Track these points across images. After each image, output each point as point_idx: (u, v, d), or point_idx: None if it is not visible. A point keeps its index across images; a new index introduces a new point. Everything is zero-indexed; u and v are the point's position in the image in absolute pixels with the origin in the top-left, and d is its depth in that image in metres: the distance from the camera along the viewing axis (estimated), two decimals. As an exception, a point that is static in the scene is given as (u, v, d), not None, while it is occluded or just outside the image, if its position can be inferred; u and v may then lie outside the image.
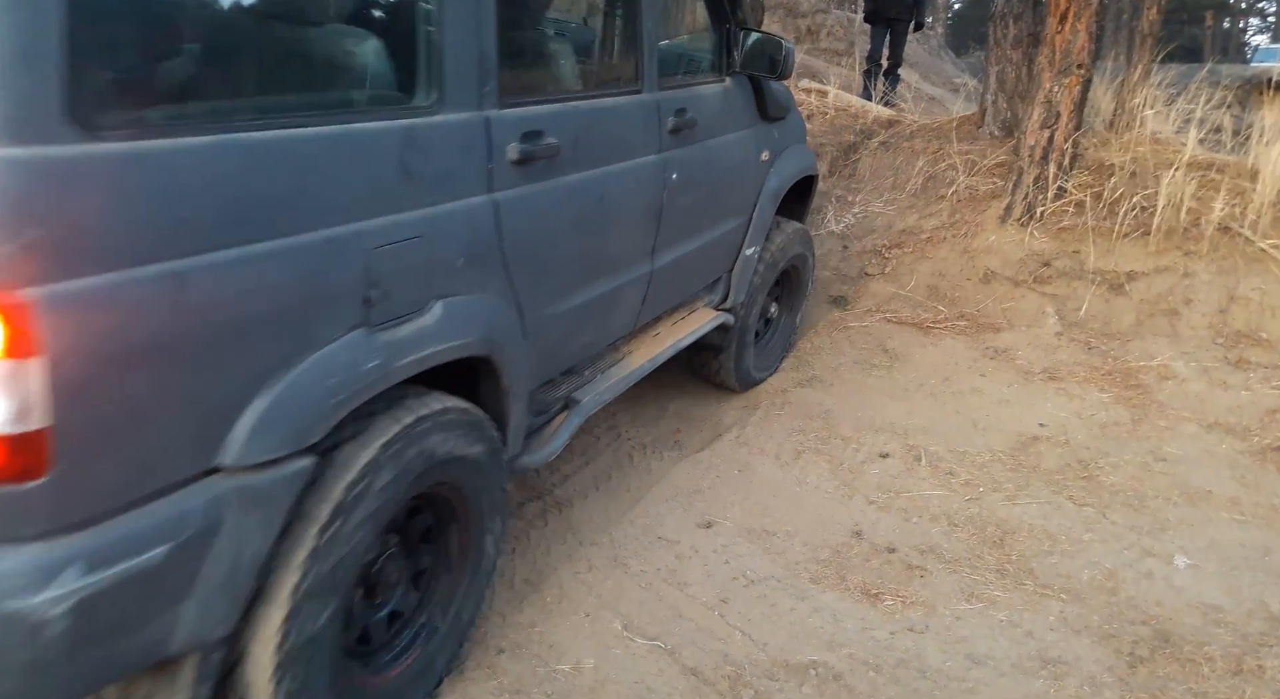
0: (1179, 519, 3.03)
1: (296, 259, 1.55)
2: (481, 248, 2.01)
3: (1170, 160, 4.44)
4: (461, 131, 1.93)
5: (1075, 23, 4.44)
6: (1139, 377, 3.83)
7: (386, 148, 1.74)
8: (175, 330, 1.37)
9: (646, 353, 2.98)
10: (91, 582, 1.31)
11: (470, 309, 1.98)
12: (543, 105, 2.25)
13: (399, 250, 1.76)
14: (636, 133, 2.63)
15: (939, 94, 10.50)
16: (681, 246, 2.97)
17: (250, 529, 1.54)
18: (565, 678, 2.31)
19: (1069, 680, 2.38)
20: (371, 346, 1.71)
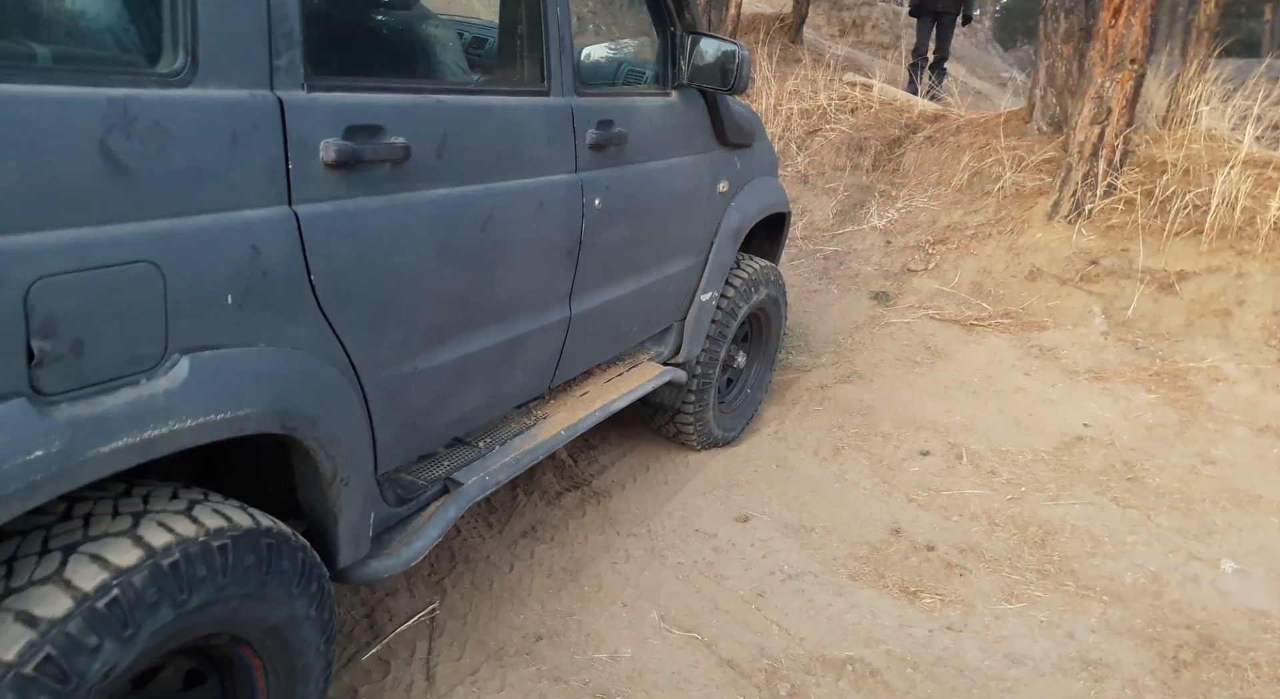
0: (1227, 523, 2.98)
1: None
2: (270, 282, 1.42)
3: (1225, 158, 4.34)
4: (229, 114, 1.36)
5: (1129, 16, 4.35)
6: (1188, 378, 3.76)
7: (76, 127, 1.17)
8: None
9: (567, 417, 2.44)
10: None
11: (246, 368, 1.40)
12: (384, 93, 1.66)
13: (100, 280, 1.19)
14: (539, 145, 2.08)
15: (986, 89, 10.34)
16: (612, 289, 2.49)
17: None
18: (603, 666, 2.34)
19: (1110, 683, 2.36)
20: (39, 426, 1.13)
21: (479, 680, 2.23)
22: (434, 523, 1.92)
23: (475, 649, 2.37)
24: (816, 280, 4.88)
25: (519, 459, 2.20)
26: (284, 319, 1.46)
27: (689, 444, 3.33)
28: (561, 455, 3.18)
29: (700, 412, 3.19)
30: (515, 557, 2.76)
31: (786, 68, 7.36)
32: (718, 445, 3.41)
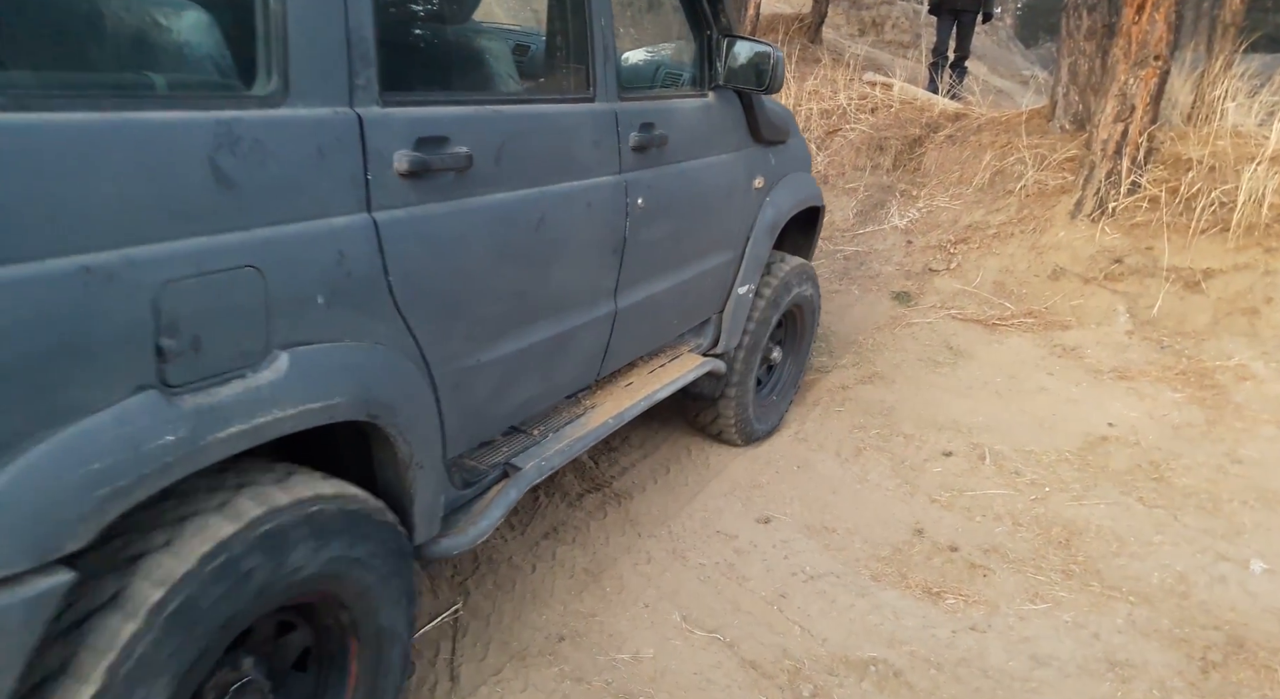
0: (1255, 523, 2.95)
1: (29, 295, 1.11)
2: (355, 283, 1.55)
3: (1252, 154, 4.29)
4: (317, 131, 1.48)
5: (1153, 12, 4.31)
6: (1214, 377, 3.72)
7: (190, 146, 1.29)
8: None
9: (614, 406, 2.55)
10: None
11: (337, 361, 1.53)
12: (449, 106, 1.80)
13: (213, 284, 1.31)
14: (587, 148, 2.19)
15: (1007, 87, 10.27)
16: (655, 284, 2.59)
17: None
18: (625, 667, 2.35)
19: (1137, 684, 2.34)
20: (168, 415, 1.26)
21: (502, 681, 2.25)
22: (496, 504, 2.07)
23: (498, 650, 2.39)
24: (837, 281, 4.88)
25: (571, 446, 2.34)
26: (366, 317, 1.59)
27: (728, 437, 3.38)
28: (583, 457, 3.20)
29: (741, 403, 3.27)
30: (537, 558, 2.78)
31: (806, 68, 7.35)
32: (754, 439, 3.46)
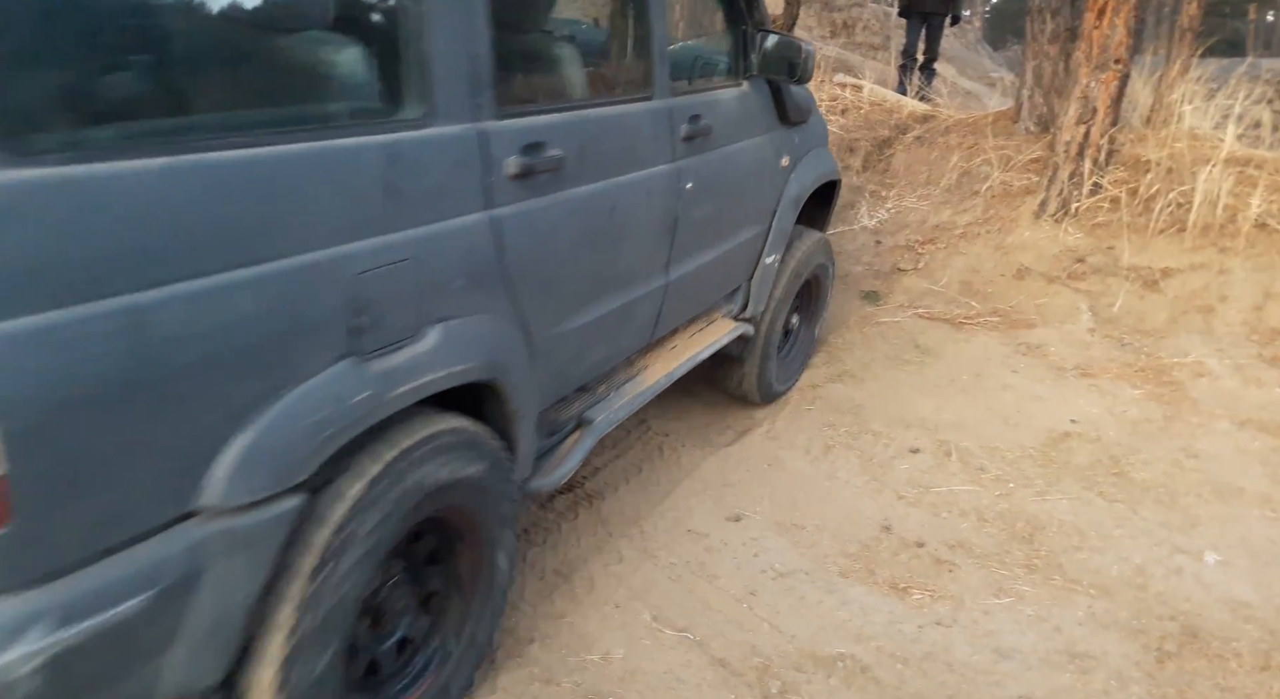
0: (1210, 516, 3.03)
1: (268, 289, 1.42)
2: (481, 267, 1.89)
3: (1208, 156, 4.40)
4: (454, 146, 1.79)
5: (1114, 17, 4.40)
6: (1172, 373, 3.81)
7: (367, 166, 1.60)
8: (139, 368, 1.27)
9: (664, 367, 2.89)
10: (64, 636, 1.24)
11: (470, 332, 1.87)
12: (544, 115, 2.08)
13: (387, 275, 1.64)
14: (647, 142, 2.49)
15: (975, 88, 10.41)
16: (698, 257, 2.87)
17: (236, 574, 1.46)
18: (595, 668, 2.37)
19: (1096, 675, 2.40)
20: (361, 377, 1.60)
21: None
22: (575, 452, 2.44)
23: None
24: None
25: (631, 401, 2.69)
26: (487, 295, 1.93)
27: (749, 396, 3.67)
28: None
29: (764, 364, 3.57)
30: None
31: (776, 70, 7.40)
32: (772, 397, 3.78)
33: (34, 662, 1.21)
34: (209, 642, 1.46)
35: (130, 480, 1.31)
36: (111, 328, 1.23)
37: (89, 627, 1.26)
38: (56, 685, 1.24)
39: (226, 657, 1.51)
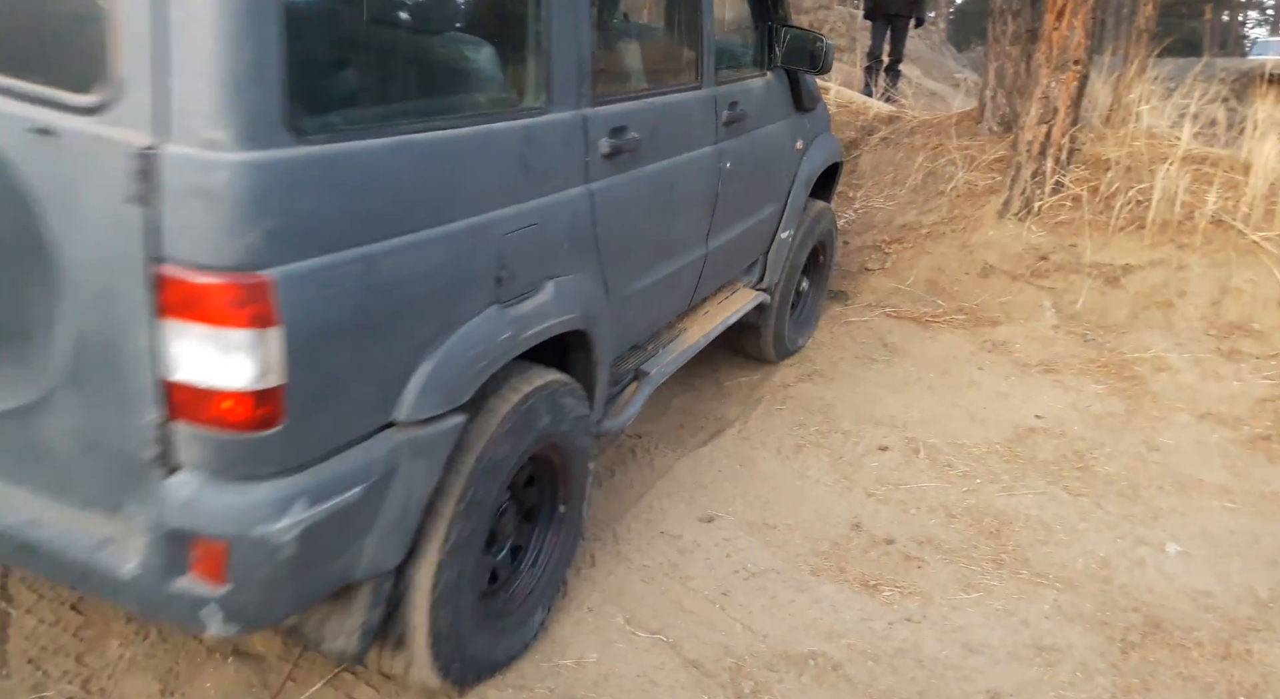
0: (1171, 508, 3.09)
1: (450, 245, 1.78)
2: (580, 233, 2.23)
3: (1165, 154, 4.49)
4: (565, 129, 2.14)
5: (1072, 19, 4.47)
6: (1134, 368, 3.88)
7: (513, 146, 1.97)
8: (368, 304, 1.60)
9: (699, 329, 3.22)
10: (312, 514, 1.56)
11: (573, 288, 2.20)
12: (625, 103, 2.44)
13: (522, 236, 2.00)
14: (698, 126, 2.84)
15: (940, 89, 10.53)
16: (731, 230, 3.21)
17: (417, 475, 1.77)
18: (568, 672, 2.37)
19: (1063, 667, 2.44)
20: (503, 320, 1.94)
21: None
22: (635, 400, 2.78)
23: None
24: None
25: (677, 358, 3.03)
26: (583, 258, 2.25)
27: (766, 355, 4.00)
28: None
29: (779, 326, 3.91)
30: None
31: (743, 72, 7.44)
32: (786, 355, 4.11)
33: (295, 530, 1.52)
34: (394, 530, 1.76)
35: (356, 394, 1.64)
36: (353, 272, 1.55)
37: (328, 507, 1.58)
38: (304, 552, 1.55)
39: (404, 546, 1.81)
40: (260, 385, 1.43)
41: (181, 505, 1.50)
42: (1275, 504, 3.10)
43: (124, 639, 2.38)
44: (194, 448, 1.49)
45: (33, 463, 1.63)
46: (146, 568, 1.54)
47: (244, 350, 1.41)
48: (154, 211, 1.37)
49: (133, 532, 1.55)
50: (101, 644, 2.36)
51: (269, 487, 1.52)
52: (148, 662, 2.32)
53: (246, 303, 1.39)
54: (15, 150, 1.43)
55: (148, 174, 1.36)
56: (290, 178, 1.43)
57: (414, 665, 1.99)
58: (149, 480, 1.52)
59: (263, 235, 1.40)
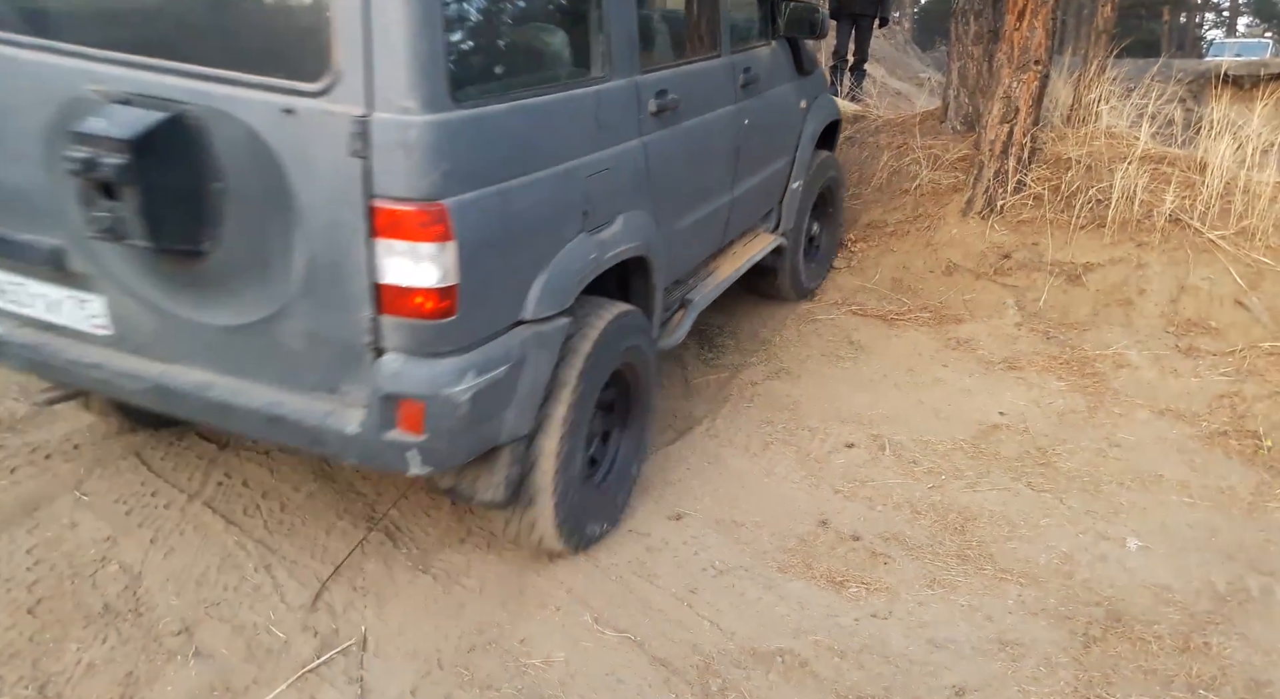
0: (1132, 503, 3.14)
1: (553, 183, 2.32)
2: (638, 177, 2.76)
3: (1124, 154, 4.56)
4: (626, 92, 2.69)
5: (1032, 19, 4.53)
6: (1095, 365, 3.94)
7: (589, 104, 2.51)
8: (505, 227, 2.16)
9: (729, 267, 3.70)
10: (479, 382, 2.12)
11: (636, 222, 2.72)
12: (665, 70, 2.97)
13: (604, 175, 2.55)
14: (721, 88, 3.36)
15: (905, 89, 10.63)
16: (751, 179, 3.72)
17: (541, 361, 2.33)
18: (536, 672, 2.35)
19: (1026, 661, 2.47)
20: (590, 245, 2.49)
21: (417, 691, 2.23)
22: (683, 323, 3.30)
23: (407, 663, 2.36)
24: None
25: (713, 290, 3.52)
26: (640, 198, 2.77)
27: (785, 295, 4.50)
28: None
29: (794, 268, 4.40)
30: (448, 565, 2.75)
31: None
32: (804, 295, 4.62)
33: (468, 393, 2.10)
34: (526, 404, 2.32)
35: (500, 296, 2.21)
36: (495, 202, 2.10)
37: (487, 379, 2.15)
38: (473, 411, 2.12)
39: (532, 418, 2.36)
40: (442, 284, 1.98)
41: (391, 376, 2.05)
42: (1232, 498, 3.16)
43: (81, 643, 2.32)
44: (396, 334, 2.04)
45: (270, 362, 2.16)
46: (365, 426, 2.08)
47: (431, 258, 1.96)
48: (367, 162, 1.90)
49: (349, 403, 2.11)
50: (58, 649, 2.30)
51: (449, 361, 2.09)
52: (106, 666, 2.27)
53: (432, 223, 1.94)
54: (267, 127, 1.94)
55: (362, 134, 1.89)
56: (454, 133, 1.97)
57: (539, 526, 2.51)
58: (363, 362, 2.07)
59: (440, 174, 1.95)
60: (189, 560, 2.62)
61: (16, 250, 2.24)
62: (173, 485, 2.91)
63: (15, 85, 2.12)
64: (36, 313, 2.32)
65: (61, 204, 2.07)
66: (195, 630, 2.39)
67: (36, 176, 2.11)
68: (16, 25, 2.14)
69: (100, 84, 2.01)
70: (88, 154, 1.88)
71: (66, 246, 2.19)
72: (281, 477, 3.02)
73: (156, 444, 3.08)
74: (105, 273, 2.19)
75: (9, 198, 2.21)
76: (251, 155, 1.96)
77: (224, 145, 1.98)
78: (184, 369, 2.24)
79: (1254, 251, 4.09)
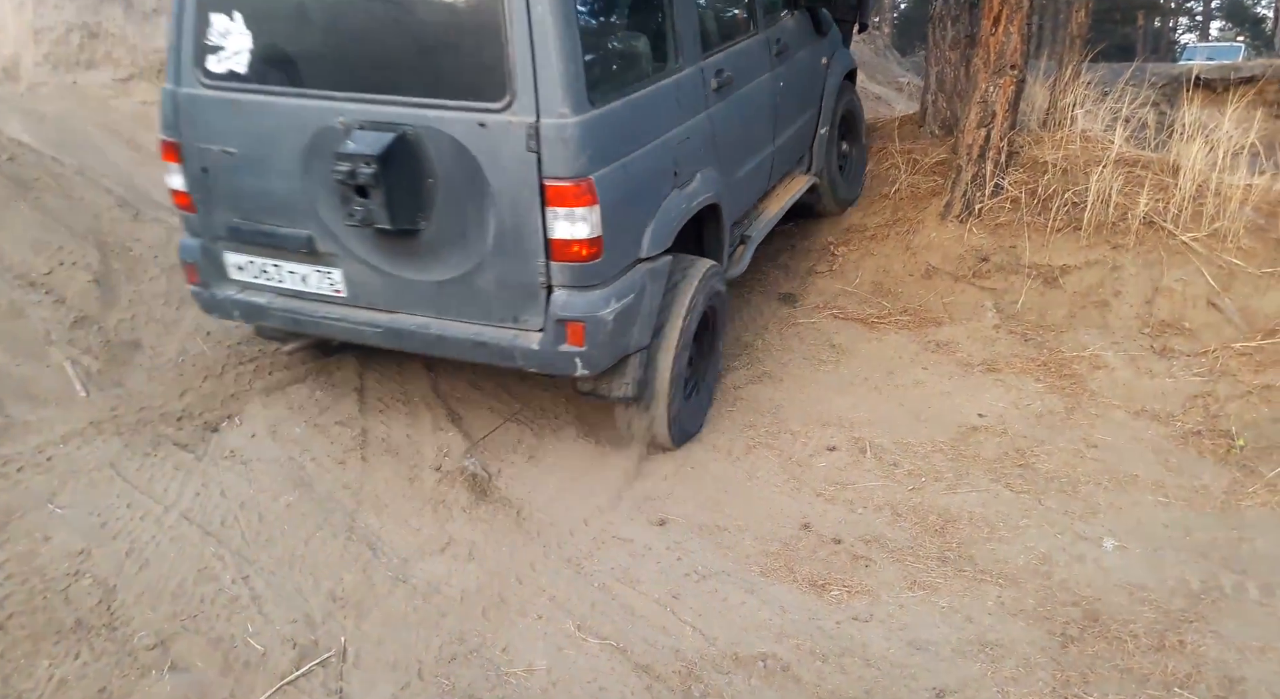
0: (1108, 503, 3.17)
1: (655, 153, 3.09)
2: (707, 141, 3.46)
3: (1099, 157, 4.60)
4: (695, 76, 3.41)
5: (1008, 25, 4.56)
6: (1072, 366, 3.98)
7: (671, 90, 3.25)
8: (627, 188, 2.92)
9: (775, 206, 4.41)
10: (619, 305, 2.93)
11: (709, 177, 3.45)
12: (720, 53, 3.67)
13: (684, 142, 3.28)
14: (760, 60, 4.07)
15: (884, 93, 10.69)
16: (788, 131, 4.45)
17: (654, 289, 3.14)
18: (518, 681, 2.34)
19: (1006, 663, 2.48)
20: (681, 197, 3.25)
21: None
22: (745, 255, 4.04)
23: (387, 676, 2.35)
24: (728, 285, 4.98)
25: (765, 226, 4.25)
26: (709, 157, 3.48)
27: (828, 207, 5.23)
28: (477, 468, 3.17)
29: (834, 186, 5.15)
30: (429, 574, 2.74)
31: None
32: (850, 204, 5.33)
33: (612, 314, 2.89)
34: (647, 322, 3.14)
35: (627, 241, 2.98)
36: (620, 173, 2.87)
37: (623, 303, 2.94)
38: (615, 327, 2.92)
39: (650, 334, 3.18)
40: (592, 235, 2.77)
41: (562, 306, 2.86)
42: (1205, 497, 3.20)
43: (53, 659, 2.30)
44: (562, 275, 2.83)
45: (471, 304, 2.97)
46: (543, 344, 2.90)
47: (584, 218, 2.74)
48: (538, 154, 2.68)
49: (530, 328, 2.92)
50: (30, 665, 2.27)
51: (599, 292, 2.89)
52: (79, 682, 2.25)
53: (585, 193, 2.71)
54: (467, 136, 2.72)
55: (534, 135, 2.67)
56: (593, 127, 2.73)
57: (655, 423, 3.33)
58: (539, 298, 2.87)
59: (587, 157, 2.72)
60: (165, 572, 2.59)
61: (280, 240, 3.05)
62: (148, 496, 2.88)
63: (280, 123, 2.90)
64: (291, 285, 3.14)
65: (313, 204, 2.93)
66: (171, 644, 2.37)
67: (295, 186, 2.94)
68: (279, 79, 2.93)
69: (343, 117, 2.80)
70: (349, 167, 2.67)
71: (315, 234, 2.99)
72: (259, 487, 3.00)
73: (132, 455, 3.05)
74: (344, 251, 3.00)
75: (276, 203, 3.01)
76: (456, 157, 2.75)
77: (435, 152, 2.77)
78: (407, 316, 3.06)
79: (1225, 253, 4.14)
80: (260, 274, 3.15)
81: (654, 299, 3.11)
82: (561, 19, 2.60)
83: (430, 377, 3.78)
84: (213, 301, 3.26)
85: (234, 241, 3.13)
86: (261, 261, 3.13)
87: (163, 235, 4.10)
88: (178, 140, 3.06)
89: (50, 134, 4.81)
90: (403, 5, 2.76)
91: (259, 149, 2.95)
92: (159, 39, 5.81)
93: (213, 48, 2.94)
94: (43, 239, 3.78)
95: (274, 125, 2.91)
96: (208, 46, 2.95)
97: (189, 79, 3.00)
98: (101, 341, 3.54)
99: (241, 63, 2.92)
